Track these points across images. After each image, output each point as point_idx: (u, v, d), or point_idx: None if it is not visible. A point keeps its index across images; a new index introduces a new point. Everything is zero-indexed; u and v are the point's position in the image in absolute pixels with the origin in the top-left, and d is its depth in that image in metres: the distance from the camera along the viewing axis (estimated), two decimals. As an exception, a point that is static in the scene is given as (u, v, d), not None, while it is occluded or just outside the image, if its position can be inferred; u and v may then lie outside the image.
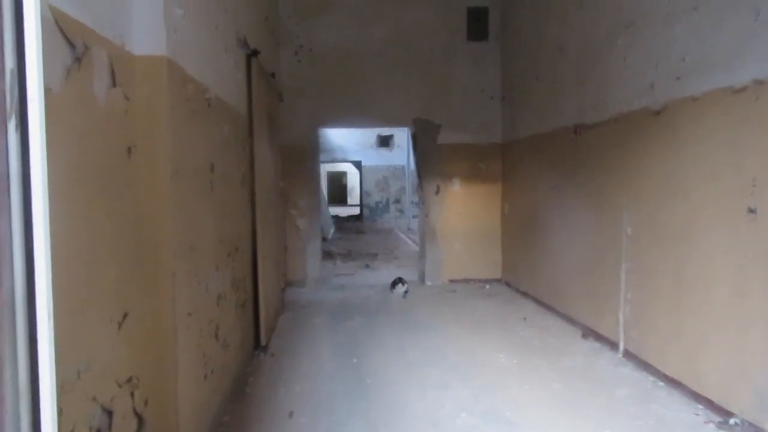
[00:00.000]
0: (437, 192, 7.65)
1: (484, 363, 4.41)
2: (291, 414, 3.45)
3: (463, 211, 7.70)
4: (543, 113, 6.21)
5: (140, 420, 2.29)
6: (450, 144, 7.62)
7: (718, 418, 3.33)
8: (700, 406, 3.51)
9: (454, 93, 7.65)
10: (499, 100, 7.67)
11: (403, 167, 19.89)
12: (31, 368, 1.04)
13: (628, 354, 4.42)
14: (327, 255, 10.50)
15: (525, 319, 5.78)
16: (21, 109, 0.83)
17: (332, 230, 15.62)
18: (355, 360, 4.50)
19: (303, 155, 7.56)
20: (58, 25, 1.71)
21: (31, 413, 1.14)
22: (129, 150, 2.29)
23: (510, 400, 3.66)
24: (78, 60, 1.84)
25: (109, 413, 2.01)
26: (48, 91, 1.61)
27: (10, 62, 0.82)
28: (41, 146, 0.85)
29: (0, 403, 1.06)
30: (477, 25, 7.62)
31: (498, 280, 7.73)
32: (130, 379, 2.21)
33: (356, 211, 22.59)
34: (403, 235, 14.92)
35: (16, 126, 0.83)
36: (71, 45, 1.79)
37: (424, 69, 7.60)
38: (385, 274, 8.61)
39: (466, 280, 7.68)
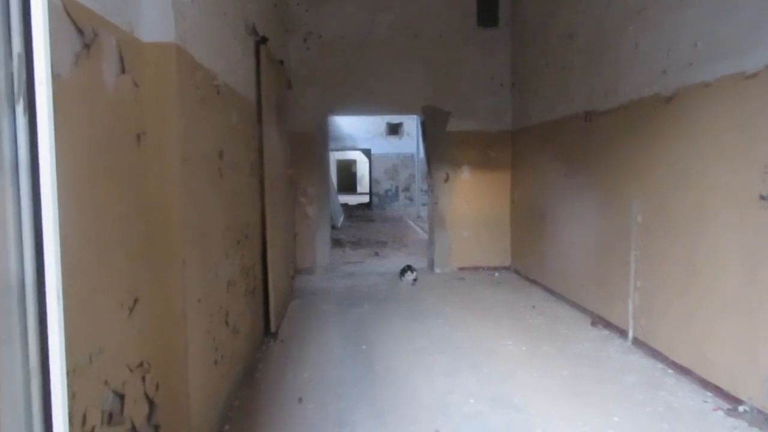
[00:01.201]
0: (446, 180, 7.63)
1: (492, 350, 4.42)
2: (300, 400, 3.48)
3: (472, 198, 7.69)
4: (553, 100, 6.16)
5: (151, 404, 2.32)
6: (459, 131, 7.59)
7: (726, 405, 3.32)
8: (708, 394, 3.50)
9: (464, 80, 7.60)
10: (508, 87, 7.62)
11: (412, 155, 19.85)
12: (41, 351, 1.06)
13: (637, 341, 4.41)
14: (336, 243, 10.53)
15: (534, 306, 5.78)
16: (29, 93, 0.84)
17: (341, 218, 15.64)
18: (364, 347, 4.52)
19: (312, 143, 7.56)
20: (66, 10, 1.71)
21: (41, 396, 1.16)
22: (138, 137, 2.30)
23: (518, 387, 3.67)
24: (87, 46, 1.84)
25: (121, 397, 2.04)
26: (57, 77, 1.62)
27: (17, 46, 0.82)
28: (49, 130, 0.86)
29: (12, 384, 1.08)
30: (487, 11, 7.56)
31: (507, 268, 7.72)
32: (141, 364, 2.23)
33: (365, 199, 22.62)
34: (412, 223, 14.92)
35: (24, 109, 0.84)
36: (80, 31, 1.80)
37: (433, 56, 7.56)
38: (395, 261, 8.63)
39: (475, 268, 7.68)
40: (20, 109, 0.82)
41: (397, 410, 3.34)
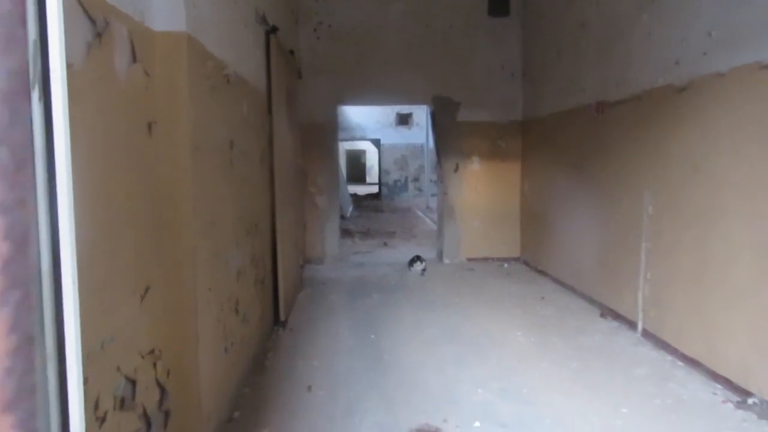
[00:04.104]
0: (456, 170, 7.61)
1: (501, 341, 4.42)
2: (309, 388, 3.50)
3: (482, 189, 7.67)
4: (564, 91, 6.12)
5: (162, 390, 2.35)
6: (469, 122, 7.56)
7: (736, 398, 3.31)
8: (718, 386, 3.49)
9: (474, 70, 7.56)
10: (519, 78, 7.57)
11: (422, 146, 19.81)
12: (57, 336, 1.07)
13: (646, 333, 4.40)
14: (345, 233, 10.54)
15: (543, 298, 5.77)
16: (44, 80, 0.84)
17: (351, 208, 15.66)
18: (373, 336, 4.54)
19: (322, 133, 7.56)
20: (78, 0, 1.72)
21: (58, 381, 1.18)
22: (149, 126, 2.31)
23: (527, 378, 3.67)
24: (99, 36, 1.85)
25: (133, 383, 2.06)
26: (70, 67, 1.63)
27: (32, 33, 0.83)
28: (64, 117, 0.86)
29: (31, 371, 1.10)
30: (498, 0, 7.49)
31: (516, 259, 7.71)
32: (152, 351, 2.26)
33: (375, 189, 22.60)
34: (421, 214, 14.91)
35: (39, 96, 0.84)
36: (92, 20, 1.80)
37: (443, 46, 7.52)
38: (404, 252, 8.64)
39: (485, 259, 7.68)
40: (35, 96, 0.83)
41: (406, 400, 3.35)
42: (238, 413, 3.14)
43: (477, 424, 3.03)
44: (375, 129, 19.84)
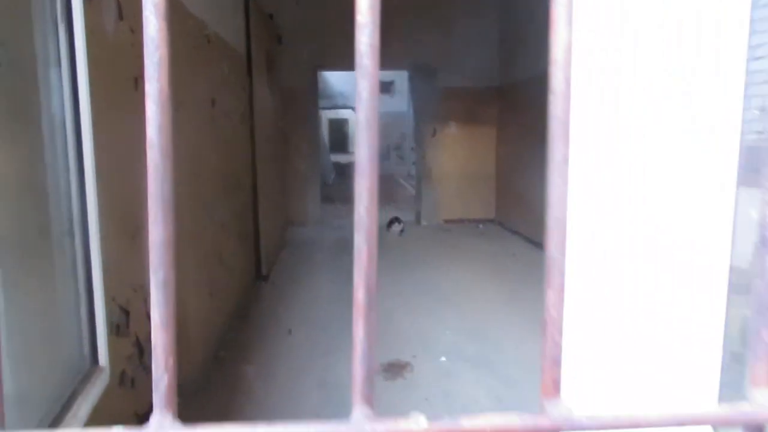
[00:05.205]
0: (434, 134, 7.81)
1: (473, 293, 4.69)
2: (290, 331, 3.75)
3: (459, 153, 7.88)
4: (538, 56, 6.31)
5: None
6: (447, 87, 7.73)
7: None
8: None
9: (453, 36, 7.69)
10: (497, 44, 7.73)
11: (403, 114, 19.88)
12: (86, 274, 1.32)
13: (607, 284, 4.69)
14: (327, 199, 10.72)
15: (514, 254, 6.06)
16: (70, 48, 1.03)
17: (333, 176, 15.82)
18: (351, 289, 4.77)
19: (303, 98, 7.69)
20: (69, -41, 1.88)
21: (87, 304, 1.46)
22: (136, 80, 2.48)
23: (494, 323, 3.95)
24: (88, -7, 2.01)
25: (127, 313, 2.28)
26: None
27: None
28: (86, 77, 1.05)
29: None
30: (475, -34, 7.60)
31: (492, 221, 7.98)
32: (142, 286, 2.47)
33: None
34: (402, 182, 15.13)
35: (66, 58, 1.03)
36: (82, -21, 1.96)
37: (423, 11, 7.63)
38: (383, 216, 8.83)
39: (461, 221, 7.94)
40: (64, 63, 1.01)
41: (381, 342, 3.62)
42: (223, 352, 3.38)
43: (443, 359, 3.30)
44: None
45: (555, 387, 0.33)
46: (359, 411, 0.32)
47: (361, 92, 0.29)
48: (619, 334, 1.12)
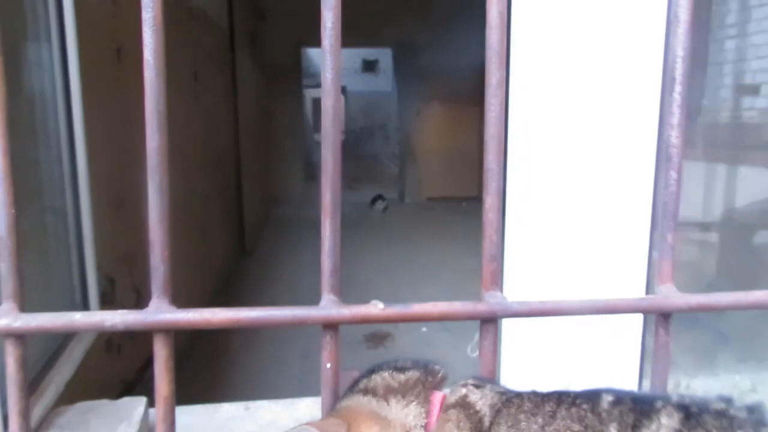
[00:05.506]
0: (418, 113, 7.84)
1: (452, 266, 4.78)
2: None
3: (443, 131, 7.93)
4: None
5: (138, 294, 2.61)
6: (431, 65, 7.74)
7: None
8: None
9: (437, 14, 7.68)
10: (480, 22, 7.72)
11: (388, 93, 19.83)
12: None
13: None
14: (311, 178, 10.74)
15: (496, 231, 6.15)
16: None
17: (316, 155, 15.81)
18: (334, 264, 4.84)
19: (286, 76, 7.66)
20: (50, -73, 1.88)
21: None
22: (118, 51, 2.49)
23: (474, 296, 4.03)
24: (69, -38, 2.02)
25: (112, 282, 2.32)
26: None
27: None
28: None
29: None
30: (459, -57, 7.57)
31: (475, 198, 8.05)
32: (127, 257, 2.51)
33: (342, 137, 22.62)
34: (387, 161, 15.15)
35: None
36: (63, -53, 1.97)
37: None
38: (367, 194, 8.90)
39: (444, 198, 8.01)
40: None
41: (362, 313, 3.69)
42: (207, 324, 3.43)
43: (424, 329, 3.39)
44: (341, 76, 19.72)
45: (493, 280, 0.39)
46: (327, 298, 0.37)
47: (325, 23, 0.34)
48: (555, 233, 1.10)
